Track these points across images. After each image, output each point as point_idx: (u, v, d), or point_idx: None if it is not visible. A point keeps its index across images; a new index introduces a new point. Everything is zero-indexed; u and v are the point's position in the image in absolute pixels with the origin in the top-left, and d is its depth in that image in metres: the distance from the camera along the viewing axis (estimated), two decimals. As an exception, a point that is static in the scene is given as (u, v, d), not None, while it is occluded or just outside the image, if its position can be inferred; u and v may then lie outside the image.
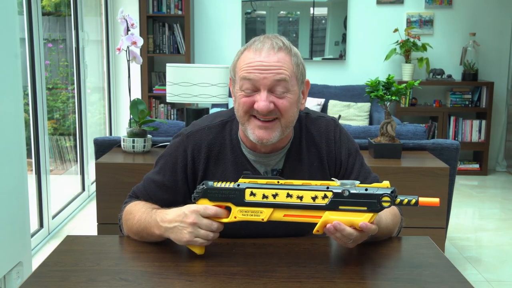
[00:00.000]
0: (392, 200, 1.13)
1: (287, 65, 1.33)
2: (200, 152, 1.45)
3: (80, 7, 4.22)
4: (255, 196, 1.20)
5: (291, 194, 1.17)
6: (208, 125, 1.48)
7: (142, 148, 2.66)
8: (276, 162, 1.46)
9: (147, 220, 1.33)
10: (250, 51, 1.34)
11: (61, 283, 1.16)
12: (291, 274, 1.19)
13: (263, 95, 1.31)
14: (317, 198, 1.16)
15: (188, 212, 1.24)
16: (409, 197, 1.15)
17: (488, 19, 5.42)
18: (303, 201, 1.17)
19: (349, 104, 5.15)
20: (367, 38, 5.50)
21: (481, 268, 3.10)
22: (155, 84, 5.38)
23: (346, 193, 1.14)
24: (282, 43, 1.35)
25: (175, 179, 1.46)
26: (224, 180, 1.30)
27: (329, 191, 1.15)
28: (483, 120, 5.29)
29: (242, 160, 1.45)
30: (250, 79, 1.32)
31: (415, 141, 2.83)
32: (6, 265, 2.31)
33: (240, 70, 1.35)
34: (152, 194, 1.47)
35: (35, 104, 3.33)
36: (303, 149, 1.47)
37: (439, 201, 1.14)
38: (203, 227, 1.23)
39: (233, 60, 1.41)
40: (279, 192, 1.18)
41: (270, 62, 1.31)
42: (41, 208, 3.40)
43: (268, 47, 1.33)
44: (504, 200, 4.56)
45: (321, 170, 1.48)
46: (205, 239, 1.24)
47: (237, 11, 5.46)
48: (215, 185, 1.24)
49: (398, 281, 1.18)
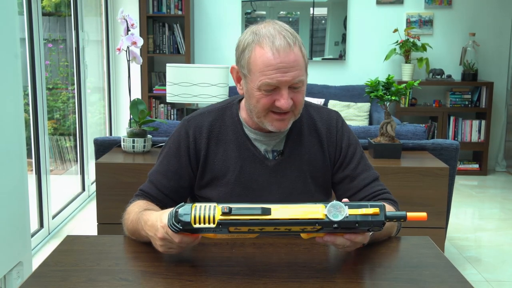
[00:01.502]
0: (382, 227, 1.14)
1: (301, 62, 1.37)
2: (201, 133, 1.49)
3: (80, 7, 4.22)
4: (240, 230, 1.12)
5: (279, 228, 1.12)
6: (208, 110, 1.54)
7: (142, 148, 2.66)
8: (277, 142, 1.50)
9: (137, 221, 1.34)
10: (266, 50, 1.34)
11: (61, 283, 1.16)
12: (291, 274, 1.20)
13: (285, 94, 1.36)
14: (306, 229, 1.13)
15: (159, 227, 1.19)
16: (398, 214, 1.15)
17: (488, 19, 5.43)
18: (292, 231, 1.13)
19: (349, 104, 5.15)
20: (367, 38, 5.50)
21: (481, 268, 3.10)
22: (155, 84, 5.38)
23: (335, 225, 1.11)
24: (291, 34, 1.37)
25: (179, 162, 1.49)
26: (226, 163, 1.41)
27: (318, 225, 1.11)
28: (482, 120, 5.29)
29: (244, 139, 1.49)
30: (272, 84, 1.35)
31: (415, 141, 2.83)
32: (6, 265, 2.31)
33: (259, 72, 1.35)
34: (160, 184, 1.49)
35: (35, 104, 3.33)
36: (304, 132, 1.51)
37: (426, 215, 1.15)
38: (175, 244, 1.19)
39: (242, 53, 1.40)
40: (265, 228, 1.12)
41: (289, 62, 1.34)
42: (41, 208, 3.40)
43: (284, 45, 1.34)
44: (504, 200, 4.56)
45: (321, 154, 1.51)
46: (180, 249, 1.22)
47: (237, 11, 5.46)
48: (192, 218, 1.11)
49: (398, 281, 1.18)
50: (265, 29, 1.37)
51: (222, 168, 1.48)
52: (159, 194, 1.49)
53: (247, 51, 1.38)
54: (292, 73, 1.34)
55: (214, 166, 1.49)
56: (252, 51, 1.37)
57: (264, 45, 1.35)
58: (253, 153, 1.48)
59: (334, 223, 1.10)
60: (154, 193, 1.49)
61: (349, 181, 1.52)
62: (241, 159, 1.48)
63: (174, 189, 1.49)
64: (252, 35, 1.38)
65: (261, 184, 1.48)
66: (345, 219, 1.11)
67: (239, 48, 1.41)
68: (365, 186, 1.51)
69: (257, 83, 1.36)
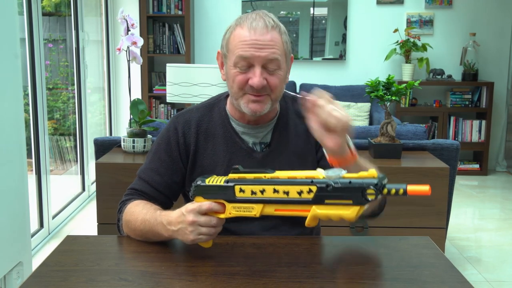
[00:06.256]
0: (378, 192, 1.10)
1: (279, 44, 1.41)
2: (190, 128, 1.52)
3: (80, 7, 4.22)
4: (244, 192, 1.21)
5: (278, 189, 1.18)
6: (196, 107, 1.58)
7: (142, 148, 2.66)
8: (264, 135, 1.53)
9: (152, 222, 1.34)
10: (244, 29, 1.39)
11: (61, 283, 1.16)
12: (291, 274, 1.19)
13: (257, 72, 1.39)
14: (302, 193, 1.16)
15: (186, 213, 1.25)
16: (397, 186, 1.11)
17: (488, 19, 5.42)
18: (290, 196, 1.17)
19: (349, 104, 5.15)
20: (367, 38, 5.50)
21: (481, 268, 3.10)
22: (155, 84, 5.38)
23: (330, 188, 1.13)
24: (273, 21, 1.42)
25: (171, 157, 1.51)
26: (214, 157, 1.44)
27: (313, 185, 1.15)
28: (483, 120, 5.29)
29: (231, 132, 1.51)
30: (245, 57, 1.38)
31: (415, 141, 2.83)
32: (6, 265, 2.31)
33: (234, 47, 1.40)
34: (152, 181, 1.50)
35: (35, 104, 3.33)
36: (290, 124, 1.54)
37: (429, 189, 1.07)
38: (203, 224, 1.24)
39: (224, 35, 1.46)
40: (266, 188, 1.19)
41: (265, 40, 1.38)
42: (41, 208, 3.40)
43: (261, 26, 1.39)
44: (504, 200, 4.56)
45: (308, 144, 1.53)
46: (208, 234, 1.25)
47: (237, 11, 5.46)
48: (207, 182, 1.26)
49: (398, 281, 1.18)
50: (248, 15, 1.43)
51: (211, 163, 1.50)
52: (152, 191, 1.50)
53: (227, 33, 1.45)
54: (266, 50, 1.38)
55: (203, 161, 1.51)
56: (232, 32, 1.43)
57: (243, 26, 1.40)
58: (241, 146, 1.50)
59: (328, 185, 1.13)
60: (147, 190, 1.50)
61: None
62: (229, 152, 1.50)
63: (167, 185, 1.50)
64: (235, 21, 1.44)
65: None
66: (340, 180, 1.13)
67: (224, 34, 1.47)
68: None
69: (233, 59, 1.40)
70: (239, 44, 1.39)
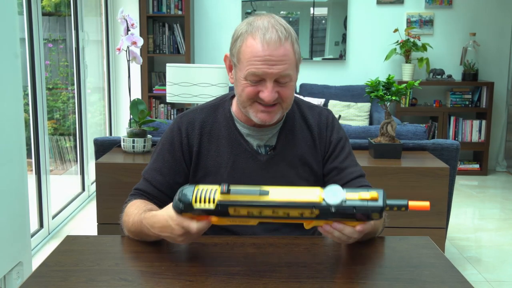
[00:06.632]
0: (381, 214, 1.11)
1: (291, 58, 1.37)
2: (194, 128, 1.50)
3: (80, 7, 4.22)
4: (240, 212, 1.13)
5: (277, 211, 1.12)
6: (200, 107, 1.56)
7: (142, 148, 2.66)
8: (269, 137, 1.51)
9: (140, 225, 1.33)
10: (256, 40, 1.35)
11: (61, 283, 1.16)
12: (291, 274, 1.19)
13: (269, 87, 1.36)
14: (304, 214, 1.12)
15: (174, 226, 1.20)
16: (399, 202, 1.12)
17: (488, 19, 5.42)
18: (291, 215, 1.13)
19: (349, 104, 5.15)
20: (367, 38, 5.50)
21: (481, 268, 3.10)
22: (155, 84, 5.38)
23: (333, 210, 1.10)
24: (285, 29, 1.37)
25: (174, 158, 1.50)
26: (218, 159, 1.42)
27: (316, 208, 1.10)
28: (483, 120, 5.29)
29: (236, 134, 1.50)
30: (258, 74, 1.36)
31: (415, 141, 2.83)
32: (6, 265, 2.31)
33: (247, 62, 1.37)
34: (155, 181, 1.49)
35: (35, 104, 3.33)
36: (297, 128, 1.53)
37: (429, 205, 1.12)
38: (194, 234, 1.20)
39: (235, 40, 1.42)
40: (264, 210, 1.12)
41: (278, 56, 1.34)
42: (41, 208, 3.40)
43: (275, 39, 1.34)
44: (504, 200, 4.56)
45: (313, 150, 1.53)
46: (198, 236, 1.23)
47: (237, 11, 5.46)
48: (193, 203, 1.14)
49: (398, 281, 1.18)
50: (260, 21, 1.38)
51: (214, 164, 1.49)
52: (154, 191, 1.49)
53: (239, 41, 1.40)
54: (279, 67, 1.35)
55: (206, 163, 1.49)
56: (244, 41, 1.38)
57: (256, 37, 1.36)
58: (245, 148, 1.49)
59: (331, 207, 1.10)
60: (150, 190, 1.49)
61: (337, 173, 1.53)
62: (233, 154, 1.49)
63: (169, 185, 1.49)
64: (247, 26, 1.40)
65: (253, 179, 1.47)
66: (343, 204, 1.10)
67: (233, 37, 1.44)
68: (352, 180, 1.51)
69: (244, 72, 1.38)
70: (252, 59, 1.35)
